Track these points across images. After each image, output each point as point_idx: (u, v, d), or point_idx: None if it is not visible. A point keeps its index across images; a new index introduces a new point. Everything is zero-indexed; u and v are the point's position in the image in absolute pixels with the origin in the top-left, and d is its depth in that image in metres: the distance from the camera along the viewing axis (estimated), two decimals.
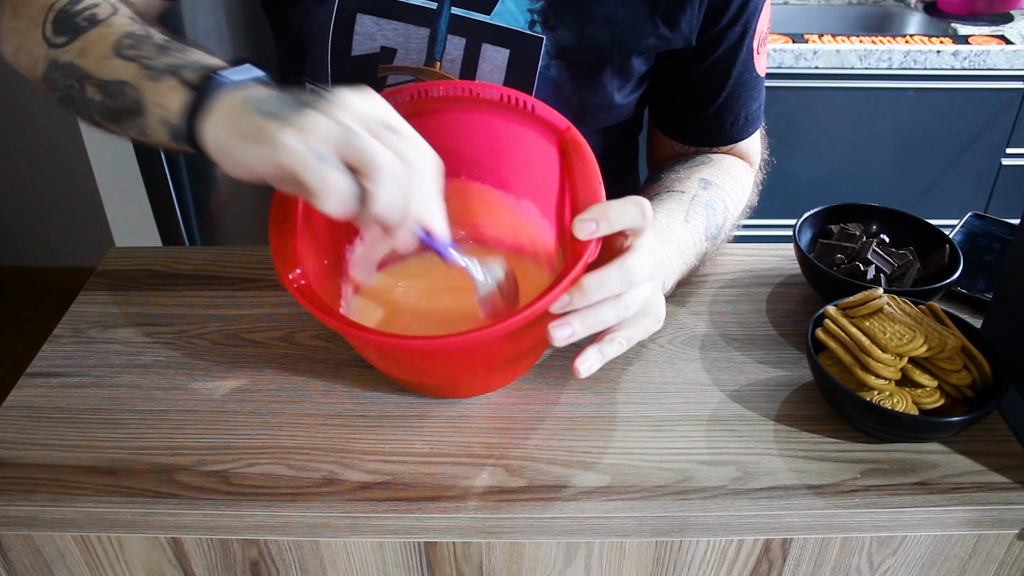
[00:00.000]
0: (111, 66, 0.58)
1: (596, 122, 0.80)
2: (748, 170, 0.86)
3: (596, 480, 0.61)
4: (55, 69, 0.62)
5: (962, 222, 0.89)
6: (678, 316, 0.77)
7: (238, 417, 0.66)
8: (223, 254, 0.86)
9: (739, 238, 0.84)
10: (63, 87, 0.62)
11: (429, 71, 0.75)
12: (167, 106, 0.55)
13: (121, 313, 0.77)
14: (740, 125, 0.83)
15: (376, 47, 0.74)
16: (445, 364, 0.62)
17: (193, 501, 0.59)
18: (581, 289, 0.55)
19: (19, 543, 0.62)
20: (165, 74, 0.55)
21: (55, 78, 0.62)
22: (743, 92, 0.81)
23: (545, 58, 0.73)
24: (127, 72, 0.57)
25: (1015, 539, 0.62)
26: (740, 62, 0.79)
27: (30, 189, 2.32)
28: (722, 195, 0.78)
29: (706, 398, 0.68)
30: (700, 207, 0.75)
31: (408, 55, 0.74)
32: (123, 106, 0.58)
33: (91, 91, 0.60)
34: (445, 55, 0.74)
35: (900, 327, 0.63)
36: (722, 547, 0.62)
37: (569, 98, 0.76)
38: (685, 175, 0.79)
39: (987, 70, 1.69)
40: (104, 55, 0.59)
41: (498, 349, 0.61)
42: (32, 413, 0.66)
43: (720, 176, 0.80)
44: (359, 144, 0.48)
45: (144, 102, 0.56)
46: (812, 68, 1.68)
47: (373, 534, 0.60)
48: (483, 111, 0.68)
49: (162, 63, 0.56)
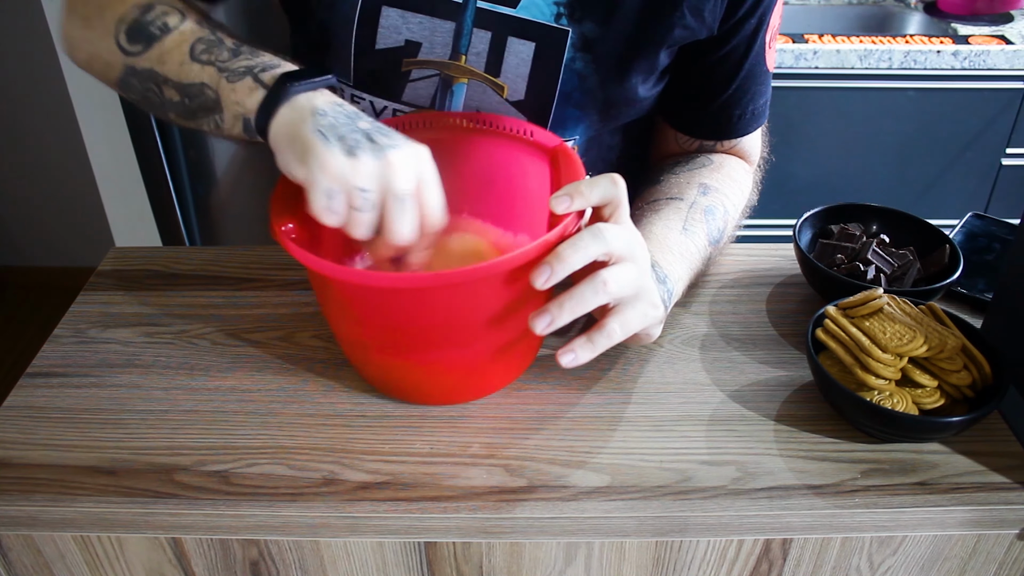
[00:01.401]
0: (189, 70, 0.64)
1: (620, 116, 0.80)
2: (747, 171, 0.86)
3: (596, 480, 0.61)
4: (132, 75, 0.68)
5: (962, 222, 0.89)
6: (678, 316, 0.77)
7: (238, 417, 0.66)
8: (223, 254, 0.86)
9: (739, 238, 0.84)
10: (140, 90, 0.68)
11: (454, 65, 0.75)
12: (243, 102, 0.61)
13: (121, 313, 0.77)
14: (747, 119, 0.83)
15: (401, 40, 0.74)
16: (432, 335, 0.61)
17: (193, 501, 0.59)
18: (556, 254, 0.56)
19: (19, 543, 0.62)
20: (242, 75, 0.62)
21: (132, 83, 0.68)
22: (752, 86, 0.81)
23: (571, 51, 0.73)
24: (205, 75, 0.64)
25: (1015, 539, 0.62)
26: (753, 55, 0.79)
27: (30, 189, 2.33)
28: (721, 199, 0.78)
29: (706, 398, 0.68)
30: (699, 213, 0.75)
31: (433, 49, 0.74)
32: (201, 104, 0.64)
33: (169, 93, 0.66)
34: (471, 49, 0.74)
35: (900, 327, 0.63)
36: (722, 547, 0.62)
37: (595, 91, 0.76)
38: (684, 180, 0.79)
39: (987, 70, 1.69)
40: (181, 61, 0.65)
41: (481, 314, 0.60)
42: (32, 413, 0.67)
43: (720, 180, 0.80)
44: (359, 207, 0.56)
45: (222, 100, 0.63)
46: (812, 68, 1.68)
47: (373, 534, 0.60)
48: (483, 141, 0.69)
49: (238, 66, 0.63)
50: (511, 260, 0.55)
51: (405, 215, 0.57)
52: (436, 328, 0.60)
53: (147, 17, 0.66)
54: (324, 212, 0.56)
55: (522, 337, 0.63)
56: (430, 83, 0.76)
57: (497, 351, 0.63)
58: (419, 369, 0.64)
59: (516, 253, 0.55)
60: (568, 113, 0.77)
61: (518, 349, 0.65)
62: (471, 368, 0.64)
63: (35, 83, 2.13)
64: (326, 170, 0.55)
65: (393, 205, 0.57)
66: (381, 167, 0.56)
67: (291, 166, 0.58)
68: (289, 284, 0.81)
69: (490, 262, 0.55)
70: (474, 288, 0.58)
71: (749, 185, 0.85)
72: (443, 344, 0.61)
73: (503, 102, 0.76)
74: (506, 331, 0.62)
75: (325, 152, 0.55)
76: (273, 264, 0.84)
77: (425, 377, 0.65)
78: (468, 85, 0.75)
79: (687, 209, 0.75)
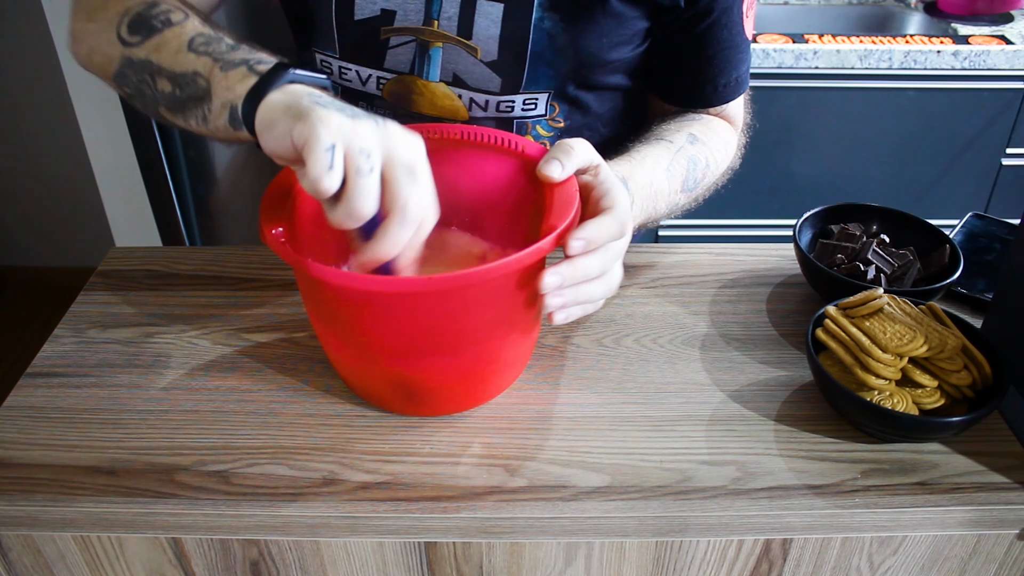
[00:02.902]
0: (184, 60, 0.63)
1: (593, 76, 0.82)
2: (733, 132, 0.89)
3: (596, 480, 0.61)
4: (128, 66, 0.67)
5: (962, 222, 0.89)
6: (678, 316, 0.77)
7: (238, 417, 0.66)
8: (223, 254, 0.86)
9: (739, 238, 0.85)
10: (135, 82, 0.67)
11: (428, 30, 0.77)
12: (233, 88, 0.59)
13: (121, 313, 0.77)
14: (731, 87, 0.85)
15: (376, 10, 0.77)
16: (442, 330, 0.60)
17: (193, 501, 0.59)
18: (584, 235, 0.58)
19: (19, 543, 0.62)
20: (236, 65, 0.61)
21: (127, 74, 0.68)
22: (734, 54, 0.83)
23: (538, 11, 0.75)
24: (199, 64, 0.62)
25: (1015, 539, 0.62)
26: (732, 24, 0.81)
27: (30, 189, 2.33)
28: (706, 152, 0.81)
29: (706, 398, 0.68)
30: (683, 159, 0.79)
31: (407, 16, 0.77)
32: (191, 94, 0.63)
33: (162, 83, 0.65)
34: (442, 13, 0.76)
35: (900, 327, 0.63)
36: (722, 547, 0.62)
37: (565, 49, 0.77)
38: (675, 127, 0.82)
39: (987, 70, 1.69)
40: (178, 50, 0.64)
41: (474, 320, 0.60)
42: (32, 413, 0.67)
43: (707, 134, 0.83)
44: (362, 169, 0.51)
45: (212, 88, 0.61)
46: (812, 68, 1.68)
47: (373, 534, 0.60)
48: (474, 155, 0.69)
49: (234, 57, 0.61)
50: (509, 264, 0.55)
51: (414, 185, 0.53)
52: (430, 335, 0.60)
53: (152, 11, 0.67)
54: (324, 174, 0.50)
55: (513, 346, 0.64)
56: (408, 49, 0.78)
57: (490, 359, 0.63)
58: (411, 377, 0.63)
59: (514, 257, 0.55)
60: (541, 71, 0.79)
61: (510, 357, 0.65)
62: (464, 377, 0.64)
63: (35, 83, 2.13)
64: (327, 123, 0.51)
65: (399, 173, 0.53)
66: (383, 133, 0.53)
67: (284, 133, 0.54)
68: (289, 284, 0.81)
69: (489, 265, 0.54)
70: (467, 293, 0.57)
71: (734, 145, 0.88)
72: (435, 352, 0.61)
73: (478, 63, 0.78)
74: (499, 338, 0.62)
75: (326, 111, 0.52)
76: (273, 264, 0.84)
77: (418, 387, 0.64)
78: (443, 49, 0.78)
79: (675, 152, 0.79)
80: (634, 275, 0.83)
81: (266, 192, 0.62)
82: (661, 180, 0.76)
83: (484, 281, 0.56)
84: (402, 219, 0.53)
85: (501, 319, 0.61)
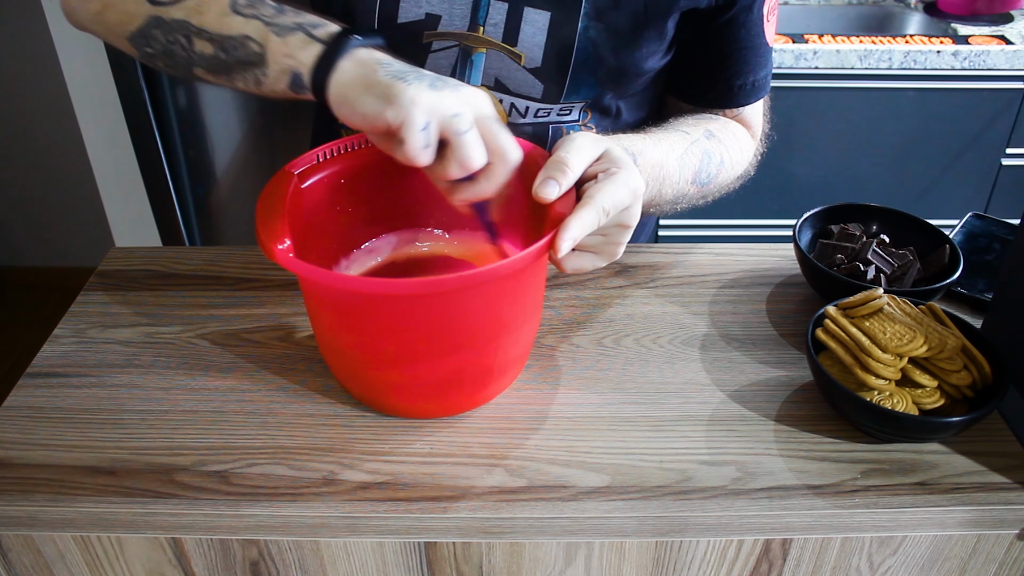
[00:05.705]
0: (231, 22, 0.64)
1: (629, 86, 0.82)
2: (750, 138, 0.89)
3: (596, 480, 0.61)
4: (156, 26, 0.67)
5: (962, 222, 0.89)
6: (678, 316, 0.77)
7: (238, 417, 0.66)
8: (223, 254, 0.86)
9: (739, 238, 0.85)
10: (163, 43, 0.67)
11: (473, 36, 0.77)
12: (294, 55, 0.61)
13: (121, 313, 0.77)
14: (748, 89, 0.85)
15: (421, 14, 0.76)
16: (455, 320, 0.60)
17: (193, 501, 0.59)
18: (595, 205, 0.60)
19: (19, 543, 0.62)
20: (292, 30, 0.62)
21: (154, 35, 0.67)
22: (752, 56, 0.83)
23: (584, 20, 0.75)
24: (249, 28, 0.63)
25: (1015, 539, 0.62)
26: (751, 24, 0.81)
27: (30, 189, 2.32)
28: (722, 149, 0.81)
29: (706, 398, 0.68)
30: (698, 151, 0.79)
31: (452, 21, 0.76)
32: (240, 58, 0.64)
33: (201, 45, 0.65)
34: (488, 20, 0.76)
35: (900, 327, 0.63)
36: (722, 547, 0.62)
37: (606, 59, 0.78)
38: (693, 122, 0.83)
39: (987, 70, 1.69)
40: (222, 12, 0.64)
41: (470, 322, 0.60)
42: (32, 413, 0.67)
43: (725, 134, 0.83)
44: (461, 128, 0.57)
45: (268, 54, 0.62)
46: (812, 68, 1.68)
47: (373, 534, 0.60)
48: None
49: (286, 21, 0.63)
50: (509, 265, 0.55)
51: (503, 131, 0.59)
52: (426, 337, 0.60)
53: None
54: (420, 152, 0.56)
55: (512, 346, 0.64)
56: (450, 54, 0.78)
57: (490, 360, 0.63)
58: (408, 379, 0.63)
59: (514, 258, 0.55)
60: (583, 80, 0.79)
61: (510, 357, 0.65)
62: (463, 377, 0.64)
63: (35, 83, 2.13)
64: (419, 103, 0.56)
65: (489, 124, 0.58)
66: (463, 95, 0.58)
67: (368, 111, 0.58)
68: (288, 284, 0.81)
69: (489, 266, 0.55)
70: (467, 295, 0.58)
71: (750, 150, 0.88)
72: (435, 352, 0.61)
73: (521, 69, 0.78)
74: (498, 338, 0.62)
75: (413, 88, 0.56)
76: (273, 264, 0.83)
77: (414, 388, 0.64)
78: (487, 55, 0.77)
79: (690, 143, 0.79)
80: (634, 275, 0.83)
81: (258, 208, 0.61)
82: (672, 166, 0.76)
83: (483, 282, 0.56)
84: (504, 161, 0.59)
85: (500, 319, 0.61)
